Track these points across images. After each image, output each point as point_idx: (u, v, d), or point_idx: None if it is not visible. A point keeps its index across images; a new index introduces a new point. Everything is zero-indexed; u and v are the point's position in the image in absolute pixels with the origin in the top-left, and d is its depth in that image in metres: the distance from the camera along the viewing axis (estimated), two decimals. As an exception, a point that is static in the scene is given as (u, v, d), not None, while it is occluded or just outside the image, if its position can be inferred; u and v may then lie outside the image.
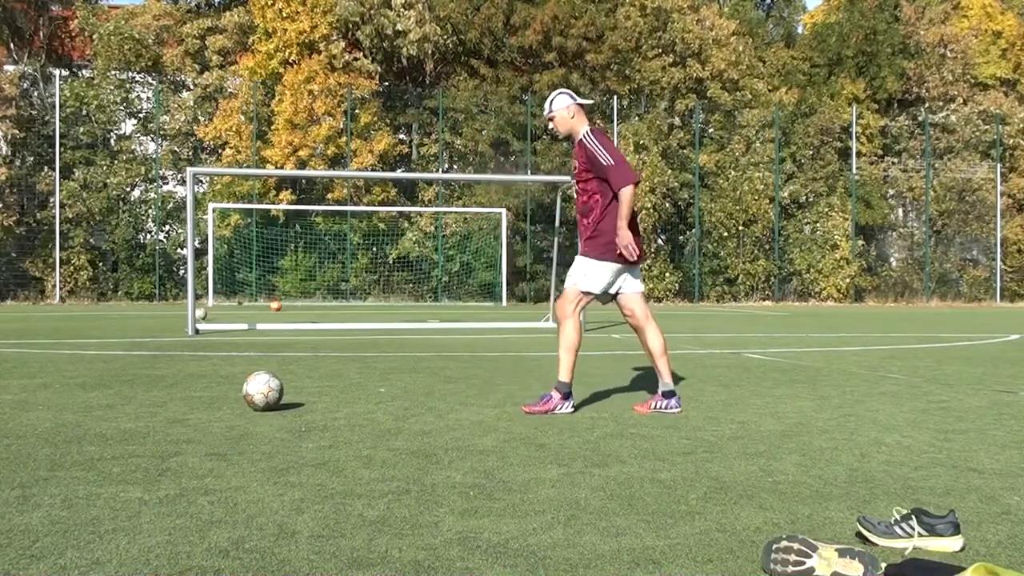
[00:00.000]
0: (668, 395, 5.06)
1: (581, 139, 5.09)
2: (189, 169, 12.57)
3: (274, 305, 17.76)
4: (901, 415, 4.99)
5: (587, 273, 5.07)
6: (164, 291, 26.71)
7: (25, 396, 5.50)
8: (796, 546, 2.32)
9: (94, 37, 27.75)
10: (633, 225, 5.01)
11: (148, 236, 27.15)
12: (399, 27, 27.63)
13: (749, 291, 29.57)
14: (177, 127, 27.41)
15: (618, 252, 4.95)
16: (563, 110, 5.13)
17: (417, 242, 27.74)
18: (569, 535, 2.63)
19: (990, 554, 2.50)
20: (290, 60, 27.11)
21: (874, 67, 31.59)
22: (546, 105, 5.25)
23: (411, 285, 28.05)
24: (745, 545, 2.55)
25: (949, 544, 2.52)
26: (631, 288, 5.16)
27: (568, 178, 16.23)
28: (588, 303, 5.17)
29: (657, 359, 5.14)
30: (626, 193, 4.89)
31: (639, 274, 5.24)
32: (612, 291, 5.15)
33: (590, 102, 5.21)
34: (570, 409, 5.00)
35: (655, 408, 5.03)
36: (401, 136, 29.58)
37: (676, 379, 6.68)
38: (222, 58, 28.37)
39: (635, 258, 4.98)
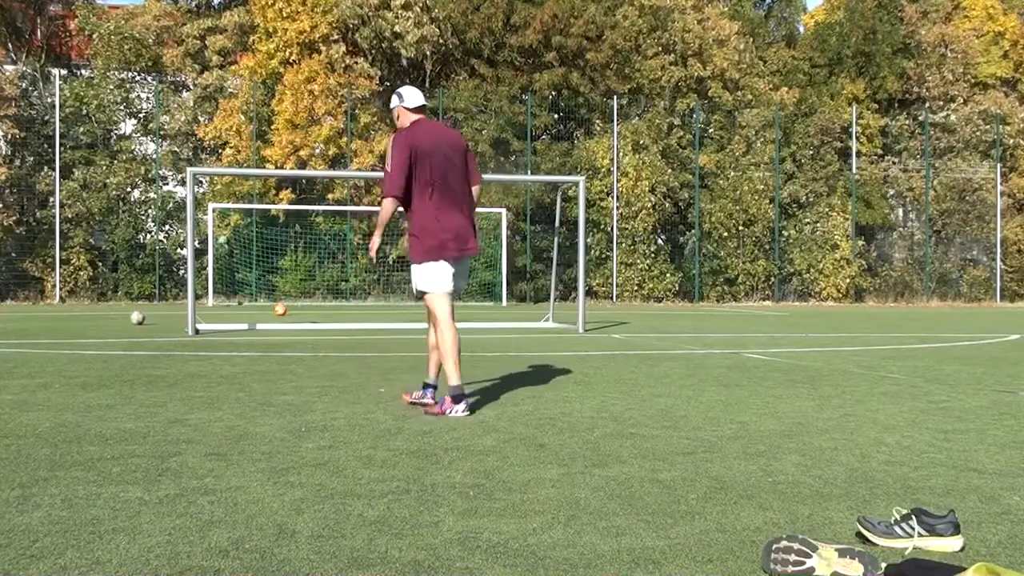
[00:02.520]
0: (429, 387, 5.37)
1: None
2: (189, 169, 12.57)
3: (279, 309, 17.71)
4: (901, 415, 4.99)
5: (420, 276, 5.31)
6: (164, 291, 26.71)
7: (25, 396, 5.50)
8: (796, 546, 2.32)
9: (94, 37, 27.74)
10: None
11: (148, 236, 27.14)
12: (397, 29, 27.64)
13: (749, 291, 29.57)
14: (177, 127, 27.40)
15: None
16: (393, 109, 5.34)
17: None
18: (569, 535, 2.63)
19: (990, 554, 2.50)
20: (290, 60, 27.11)
21: (874, 67, 31.58)
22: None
23: (411, 285, 28.03)
24: (745, 545, 2.55)
25: (949, 544, 2.52)
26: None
27: (568, 178, 16.28)
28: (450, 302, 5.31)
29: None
30: (384, 204, 5.11)
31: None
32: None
33: (419, 103, 5.28)
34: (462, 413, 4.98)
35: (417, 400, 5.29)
36: (401, 136, 29.56)
37: (664, 378, 6.67)
38: (222, 58, 28.36)
39: (372, 259, 5.48)
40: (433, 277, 5.21)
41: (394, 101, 5.32)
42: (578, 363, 7.92)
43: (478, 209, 6.39)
